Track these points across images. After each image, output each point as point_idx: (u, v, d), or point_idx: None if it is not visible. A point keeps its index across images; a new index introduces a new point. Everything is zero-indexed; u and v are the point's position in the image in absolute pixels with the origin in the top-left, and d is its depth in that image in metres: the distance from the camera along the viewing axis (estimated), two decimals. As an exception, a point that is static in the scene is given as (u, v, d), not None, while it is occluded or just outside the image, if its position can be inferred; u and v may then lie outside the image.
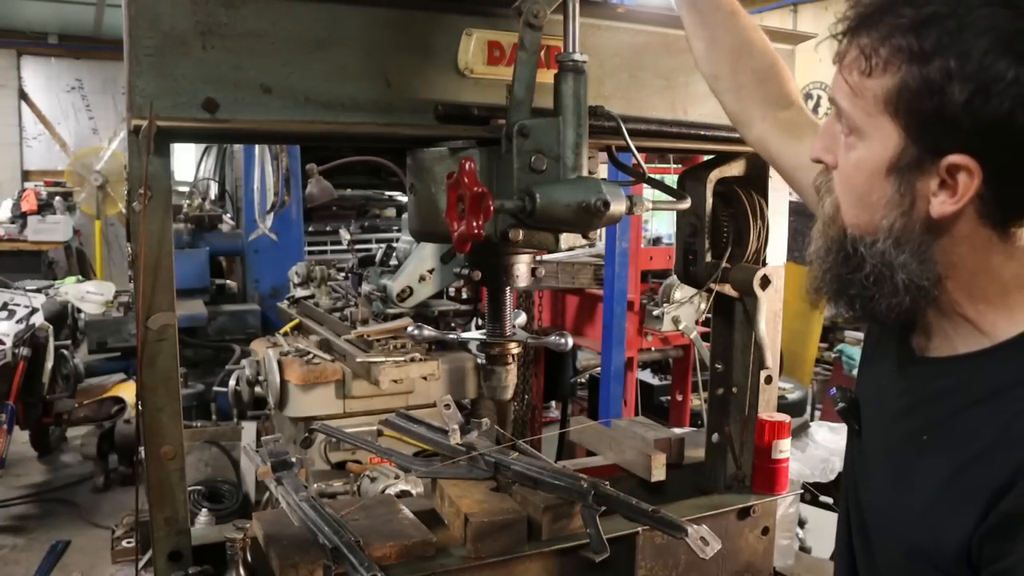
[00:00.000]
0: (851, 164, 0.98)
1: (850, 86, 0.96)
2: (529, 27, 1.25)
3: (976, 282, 0.96)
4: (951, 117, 0.87)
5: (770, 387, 1.90)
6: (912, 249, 0.95)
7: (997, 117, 0.85)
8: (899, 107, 0.91)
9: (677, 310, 4.10)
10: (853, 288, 1.00)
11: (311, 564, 1.43)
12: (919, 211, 0.93)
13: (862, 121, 0.95)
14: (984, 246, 0.94)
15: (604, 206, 1.23)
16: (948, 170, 0.89)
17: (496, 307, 1.54)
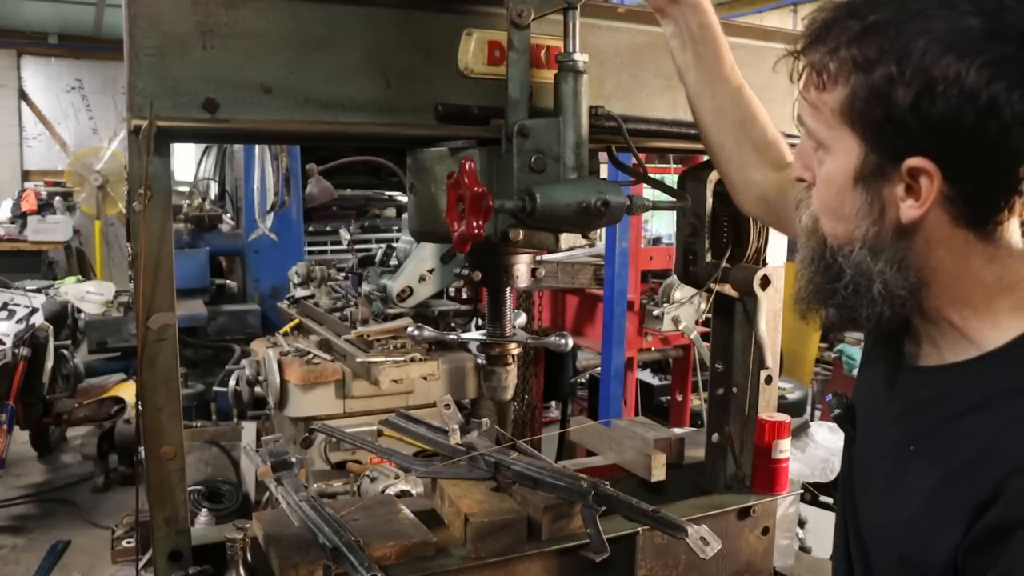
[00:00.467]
0: (822, 179, 1.00)
1: (809, 103, 0.98)
2: (515, 27, 1.25)
3: (958, 287, 0.95)
4: (901, 121, 0.88)
5: (770, 387, 1.90)
6: (888, 257, 0.95)
7: (945, 116, 0.85)
8: (853, 117, 0.93)
9: (677, 310, 4.10)
10: (834, 298, 1.01)
11: (311, 564, 1.43)
12: (890, 218, 0.94)
13: (825, 135, 0.97)
14: (962, 249, 0.93)
15: (604, 206, 1.23)
16: (909, 174, 0.90)
17: (496, 307, 1.54)
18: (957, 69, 0.84)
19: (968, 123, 0.85)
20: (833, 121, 0.95)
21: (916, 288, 0.96)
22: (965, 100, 0.84)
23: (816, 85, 0.96)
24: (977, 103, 0.84)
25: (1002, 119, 0.84)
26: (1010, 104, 0.84)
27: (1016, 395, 0.90)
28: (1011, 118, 0.84)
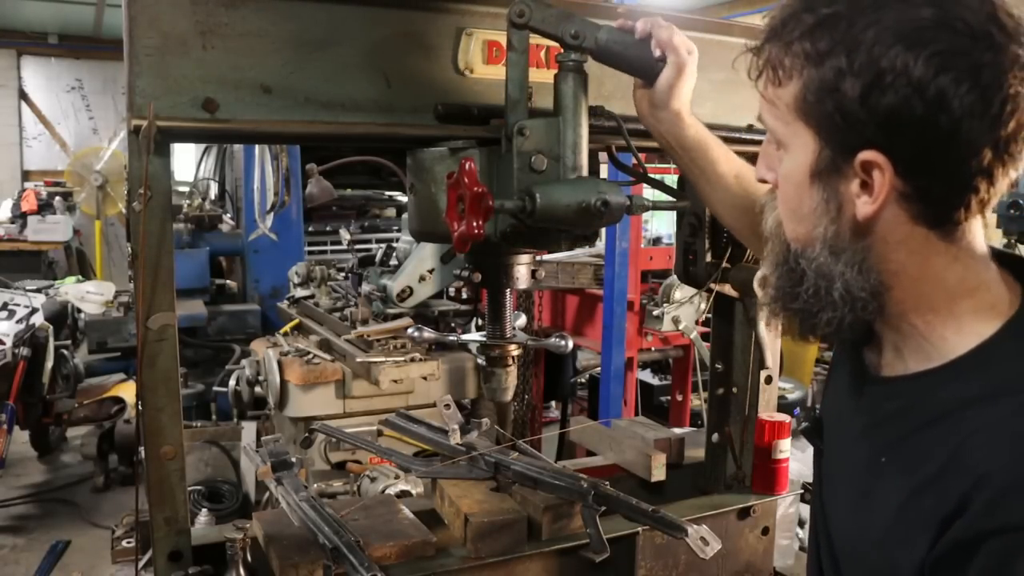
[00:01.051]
0: (783, 177, 0.99)
1: (766, 99, 0.98)
2: (514, 26, 1.25)
3: (921, 290, 0.94)
4: (851, 113, 0.87)
5: (770, 387, 1.90)
6: (848, 258, 0.94)
7: (894, 108, 0.84)
8: (807, 111, 0.92)
9: (677, 310, 4.10)
10: (796, 302, 0.99)
11: (311, 564, 1.43)
12: (847, 216, 0.93)
13: (782, 132, 0.96)
14: (923, 249, 0.92)
15: (604, 206, 1.23)
16: (863, 168, 0.89)
17: (496, 309, 1.54)
18: (905, 60, 0.83)
19: (917, 115, 0.84)
20: (789, 117, 0.94)
21: (877, 291, 0.94)
22: (914, 91, 0.83)
23: (772, 81, 0.95)
24: (926, 95, 0.83)
25: (951, 112, 0.83)
26: (958, 96, 0.83)
27: (980, 404, 0.88)
28: (960, 111, 0.83)
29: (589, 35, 1.27)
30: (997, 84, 0.83)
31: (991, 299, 0.93)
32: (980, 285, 0.94)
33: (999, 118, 0.84)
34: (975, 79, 0.83)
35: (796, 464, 2.00)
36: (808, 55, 0.90)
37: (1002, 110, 0.84)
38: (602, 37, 1.28)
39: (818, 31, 0.89)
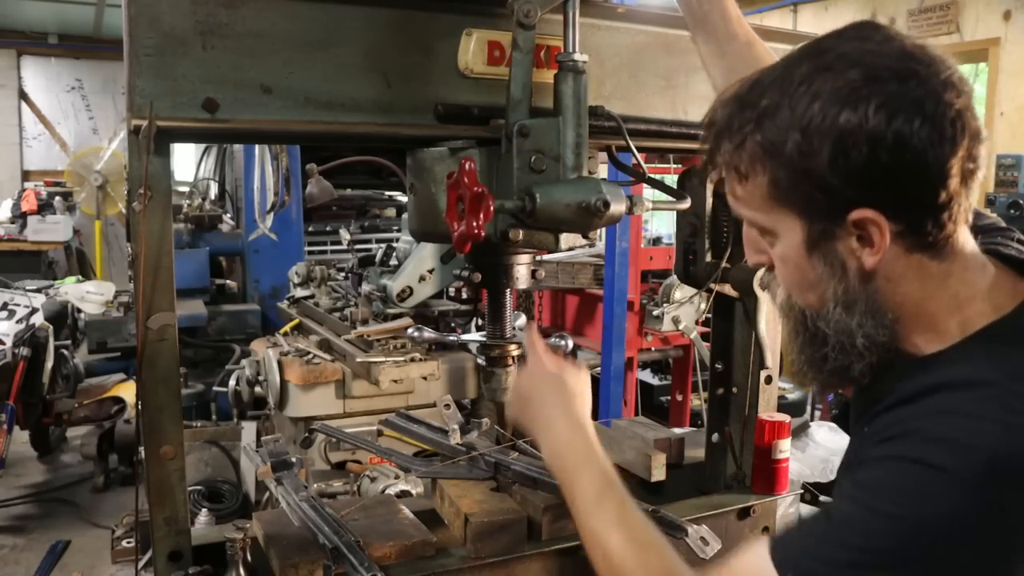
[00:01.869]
0: (779, 259, 1.03)
1: (738, 198, 1.02)
2: (521, 26, 1.25)
3: (922, 313, 0.98)
4: (827, 185, 0.91)
5: (770, 387, 1.90)
6: (861, 308, 0.98)
7: (862, 164, 0.89)
8: (783, 198, 0.96)
9: (677, 310, 4.10)
10: (827, 363, 1.03)
11: (311, 564, 1.43)
12: (852, 270, 0.97)
13: (764, 221, 1.00)
14: (920, 276, 0.97)
15: (604, 206, 1.23)
16: (856, 226, 0.93)
17: (496, 309, 1.54)
18: (856, 119, 0.88)
19: (885, 163, 0.89)
20: (766, 206, 0.98)
21: (892, 328, 0.99)
22: (875, 144, 0.88)
23: (737, 181, 1.00)
24: (886, 143, 0.88)
25: (913, 149, 0.89)
26: (914, 134, 0.88)
27: (940, 390, 0.93)
28: (921, 145, 0.89)
29: None
30: (941, 110, 0.89)
31: (983, 307, 0.98)
32: (975, 295, 0.98)
33: (955, 138, 0.90)
34: (921, 113, 0.89)
35: (796, 464, 2.00)
36: (765, 148, 0.94)
37: (953, 128, 0.90)
38: None
39: (765, 123, 0.94)
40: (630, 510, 1.15)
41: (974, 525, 0.86)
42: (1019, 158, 5.59)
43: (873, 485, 0.92)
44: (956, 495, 0.86)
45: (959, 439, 0.87)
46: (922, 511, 0.87)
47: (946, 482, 0.86)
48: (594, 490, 1.19)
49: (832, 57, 0.92)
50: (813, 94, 0.91)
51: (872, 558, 0.88)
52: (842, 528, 0.91)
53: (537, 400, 1.28)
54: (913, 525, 0.87)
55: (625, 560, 1.09)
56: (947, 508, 0.86)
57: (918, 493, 0.88)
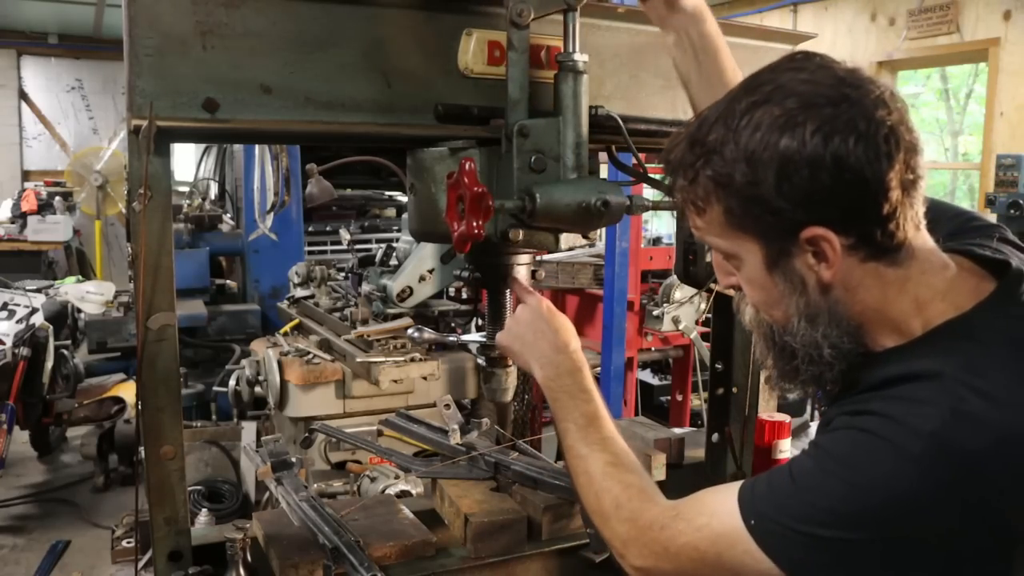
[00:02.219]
0: (745, 281, 1.10)
1: (699, 228, 1.09)
2: (515, 26, 1.25)
3: (884, 317, 1.04)
4: (776, 209, 0.98)
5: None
6: (823, 319, 1.03)
7: (805, 186, 0.95)
8: (736, 225, 1.03)
9: (677, 310, 4.11)
10: (799, 375, 1.09)
11: (311, 564, 1.43)
12: (811, 285, 1.02)
13: (726, 247, 1.07)
14: (877, 283, 1.02)
15: (604, 206, 1.23)
16: (809, 244, 0.99)
17: (496, 309, 1.54)
18: (796, 144, 0.94)
19: (826, 183, 0.95)
20: (726, 234, 1.05)
21: (856, 334, 1.04)
22: (815, 166, 0.94)
23: (695, 213, 1.07)
24: (825, 164, 0.94)
25: (851, 168, 0.94)
26: (852, 153, 0.94)
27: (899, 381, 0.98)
28: (858, 163, 0.95)
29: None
30: (873, 128, 0.95)
31: (943, 307, 1.02)
32: (935, 296, 1.03)
33: (890, 155, 0.95)
34: (855, 132, 0.94)
35: (796, 464, 1.99)
36: (716, 180, 1.01)
37: (888, 144, 0.95)
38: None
39: (713, 157, 1.01)
40: (615, 438, 1.28)
41: (915, 498, 0.92)
42: (1019, 158, 5.58)
43: (830, 448, 0.99)
44: (901, 466, 0.92)
45: (907, 420, 0.94)
46: (867, 475, 0.94)
47: (893, 453, 0.93)
48: (584, 419, 1.31)
49: (769, 89, 0.99)
50: (754, 126, 0.97)
51: (820, 515, 0.95)
52: (799, 482, 0.99)
53: (531, 336, 1.35)
54: (858, 488, 0.94)
55: (606, 478, 1.19)
56: (891, 475, 0.93)
57: (866, 458, 0.94)
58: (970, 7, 6.57)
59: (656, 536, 1.10)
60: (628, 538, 1.14)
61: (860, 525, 0.94)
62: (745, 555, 1.01)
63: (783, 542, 0.98)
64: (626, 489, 1.16)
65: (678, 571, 1.09)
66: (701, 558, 1.05)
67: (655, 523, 1.10)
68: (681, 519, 1.08)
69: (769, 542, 0.99)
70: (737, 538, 1.01)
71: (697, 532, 1.05)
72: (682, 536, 1.07)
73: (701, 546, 1.05)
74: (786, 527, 0.98)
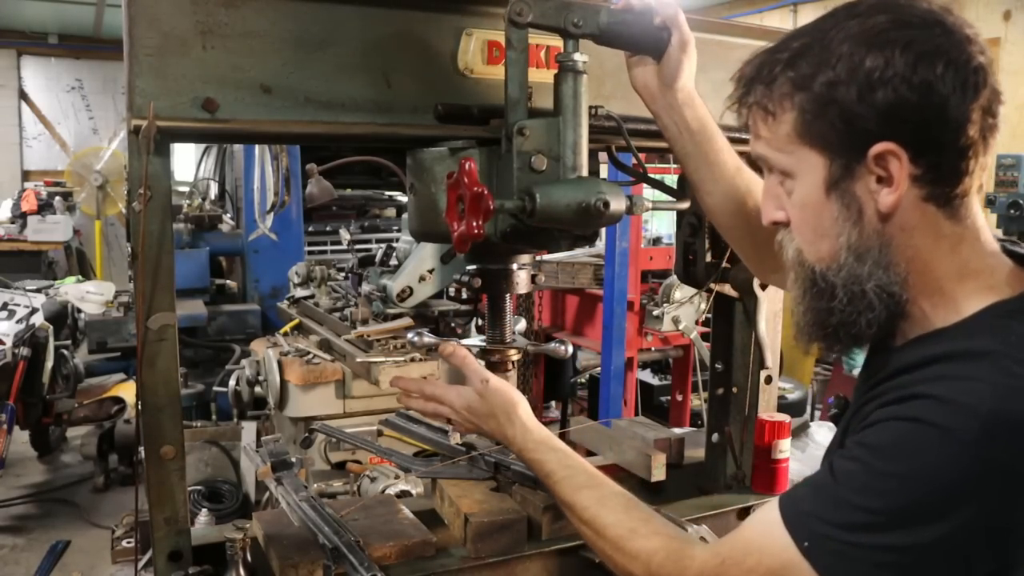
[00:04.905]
0: (797, 206, 1.05)
1: (764, 139, 1.06)
2: (513, 25, 1.25)
3: (931, 273, 1.00)
4: (853, 117, 0.96)
5: (770, 387, 1.90)
6: (874, 257, 1.00)
7: (889, 101, 0.94)
8: (808, 132, 1.00)
9: (677, 310, 4.11)
10: (833, 317, 1.04)
11: (311, 564, 1.43)
12: (868, 215, 1.00)
13: (787, 162, 1.03)
14: (933, 231, 0.99)
15: (604, 206, 1.23)
16: (876, 163, 0.96)
17: (496, 314, 1.54)
18: (884, 58, 0.94)
19: (912, 102, 0.93)
20: (790, 147, 1.02)
21: (904, 280, 1.00)
22: (901, 83, 0.93)
23: (763, 119, 1.04)
24: (912, 83, 0.93)
25: (938, 92, 0.93)
26: (939, 78, 0.93)
27: (941, 360, 0.95)
28: (945, 89, 0.93)
29: (591, 20, 1.27)
30: (964, 59, 0.94)
31: (991, 282, 0.99)
32: (984, 268, 1.00)
33: (977, 87, 0.95)
34: (946, 58, 0.94)
35: (796, 464, 1.99)
36: (795, 82, 0.99)
37: (976, 77, 0.95)
38: (604, 20, 1.28)
39: (797, 60, 0.99)
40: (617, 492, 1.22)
41: (971, 483, 0.88)
42: (1019, 158, 5.58)
43: (873, 443, 0.94)
44: (953, 451, 0.88)
45: (956, 399, 0.89)
46: (918, 466, 0.89)
47: (943, 439, 0.89)
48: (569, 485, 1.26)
49: (863, 7, 0.98)
50: (844, 36, 0.96)
51: (876, 519, 0.91)
52: (846, 488, 0.94)
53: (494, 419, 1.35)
54: (910, 481, 0.90)
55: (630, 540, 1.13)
56: (944, 463, 0.88)
57: (915, 449, 0.90)
58: (970, 7, 6.57)
59: None
60: None
61: (934, 521, 0.89)
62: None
63: (843, 562, 0.93)
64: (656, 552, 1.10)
65: None
66: None
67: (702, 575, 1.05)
68: (729, 564, 1.02)
69: (826, 564, 0.94)
70: (796, 568, 0.95)
71: (750, 574, 1.00)
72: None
73: None
74: (844, 542, 0.92)
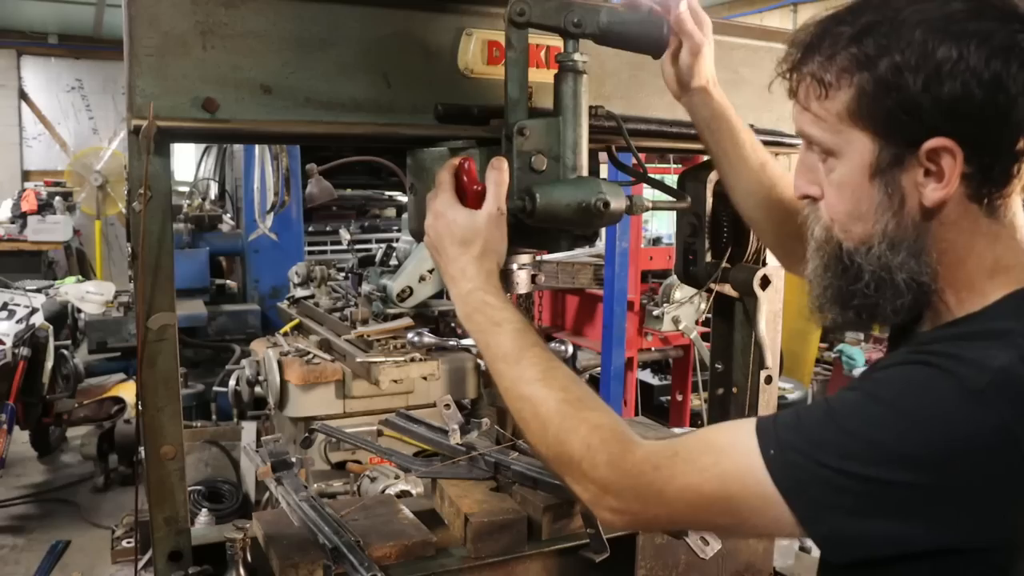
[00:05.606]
0: (835, 185, 1.01)
1: (813, 113, 1.00)
2: (514, 25, 1.25)
3: (962, 268, 0.98)
4: (914, 107, 0.91)
5: (770, 387, 1.90)
6: (908, 247, 0.97)
7: (955, 95, 0.89)
8: (863, 114, 0.95)
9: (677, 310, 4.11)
10: (856, 299, 1.02)
11: (311, 564, 1.43)
12: (910, 207, 0.96)
13: (833, 142, 0.99)
14: (971, 227, 0.97)
15: (604, 206, 1.23)
16: (929, 157, 0.93)
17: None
18: (958, 50, 0.89)
19: (978, 99, 0.89)
20: (840, 125, 0.97)
21: (934, 272, 0.98)
22: (971, 78, 0.89)
23: (817, 95, 0.98)
24: (983, 79, 0.89)
25: (1007, 92, 0.89)
26: (1012, 77, 0.89)
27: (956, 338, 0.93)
28: (1015, 90, 0.89)
29: (591, 21, 1.27)
30: None
31: (1022, 277, 0.97)
32: (1016, 264, 0.98)
33: None
34: (1021, 58, 0.89)
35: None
36: (859, 60, 0.94)
37: None
38: (604, 20, 1.28)
39: (863, 38, 0.94)
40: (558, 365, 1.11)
41: (970, 436, 0.86)
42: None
43: (879, 378, 0.93)
44: (958, 398, 0.86)
45: (968, 356, 0.88)
46: (919, 405, 0.87)
47: (953, 385, 0.87)
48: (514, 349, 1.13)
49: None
50: (917, 20, 0.91)
51: (858, 446, 0.88)
52: (838, 412, 0.91)
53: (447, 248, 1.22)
54: (907, 418, 0.87)
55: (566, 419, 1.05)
56: (947, 408, 0.86)
57: (921, 388, 0.88)
58: (970, 7, 6.55)
59: (648, 479, 0.97)
60: (608, 483, 1.00)
61: (909, 463, 0.86)
62: (756, 498, 0.91)
63: (803, 477, 0.89)
64: (595, 430, 1.02)
65: (671, 516, 1.01)
66: (704, 502, 0.95)
67: (645, 464, 0.98)
68: (681, 459, 0.97)
69: (786, 475, 0.90)
70: (753, 479, 0.91)
71: (702, 472, 0.95)
72: (682, 477, 0.96)
73: (706, 488, 0.94)
74: (811, 458, 0.88)
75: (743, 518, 0.95)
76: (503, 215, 1.22)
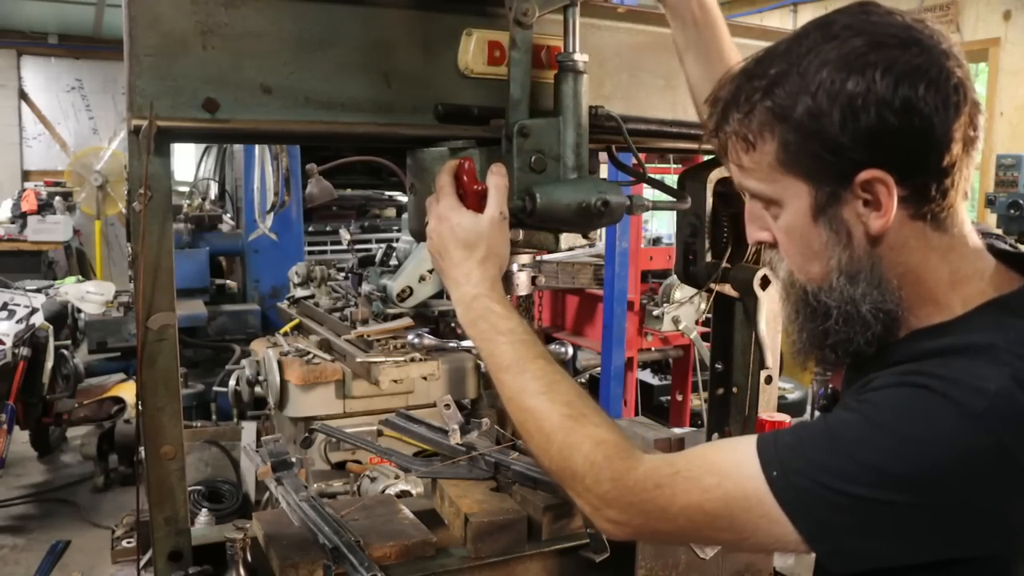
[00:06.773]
0: (784, 231, 1.04)
1: (744, 168, 1.03)
2: (519, 25, 1.25)
3: (923, 285, 1.00)
4: (837, 146, 0.94)
5: (770, 387, 1.90)
6: (866, 277, 0.99)
7: (871, 127, 0.92)
8: (791, 163, 0.97)
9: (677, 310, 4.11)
10: (830, 337, 1.03)
11: (311, 564, 1.43)
12: (858, 238, 0.98)
13: (772, 191, 1.01)
14: (922, 245, 0.98)
15: (604, 206, 1.23)
16: (863, 188, 0.95)
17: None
18: (865, 83, 0.91)
19: (894, 126, 0.92)
20: (774, 175, 1.00)
21: (897, 297, 0.99)
22: (884, 107, 0.91)
23: (744, 150, 1.01)
24: (894, 107, 0.91)
25: (921, 113, 0.91)
26: (920, 98, 0.91)
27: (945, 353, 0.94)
28: (927, 110, 0.92)
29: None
30: (944, 76, 0.92)
31: (983, 287, 0.99)
32: (974, 274, 1.00)
33: (958, 105, 0.93)
34: (927, 78, 0.92)
35: (796, 464, 1.99)
36: (774, 113, 0.96)
37: (957, 94, 0.93)
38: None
39: (775, 89, 0.96)
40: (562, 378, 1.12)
41: (970, 459, 0.87)
42: (1019, 158, 5.58)
43: (877, 401, 0.93)
44: (958, 423, 0.87)
45: (963, 379, 0.89)
46: (921, 431, 0.88)
47: (950, 409, 0.88)
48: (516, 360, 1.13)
49: (837, 28, 0.95)
50: (821, 62, 0.94)
51: (861, 470, 0.89)
52: (839, 435, 0.92)
53: (450, 252, 1.21)
54: (910, 443, 0.88)
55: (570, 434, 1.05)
56: (948, 432, 0.87)
57: (922, 413, 0.89)
58: (970, 7, 6.56)
59: (650, 496, 0.99)
60: (611, 498, 1.01)
61: (908, 486, 0.87)
62: (762, 518, 0.93)
63: (808, 500, 0.91)
64: (598, 446, 1.03)
65: (676, 532, 1.02)
66: (707, 520, 0.97)
67: (647, 481, 0.99)
68: (683, 478, 0.98)
69: (791, 497, 0.91)
70: (757, 500, 0.93)
71: (705, 493, 0.96)
72: (685, 496, 0.97)
73: (709, 508, 0.96)
74: (815, 482, 0.90)
75: (746, 535, 0.96)
76: (506, 219, 1.23)
